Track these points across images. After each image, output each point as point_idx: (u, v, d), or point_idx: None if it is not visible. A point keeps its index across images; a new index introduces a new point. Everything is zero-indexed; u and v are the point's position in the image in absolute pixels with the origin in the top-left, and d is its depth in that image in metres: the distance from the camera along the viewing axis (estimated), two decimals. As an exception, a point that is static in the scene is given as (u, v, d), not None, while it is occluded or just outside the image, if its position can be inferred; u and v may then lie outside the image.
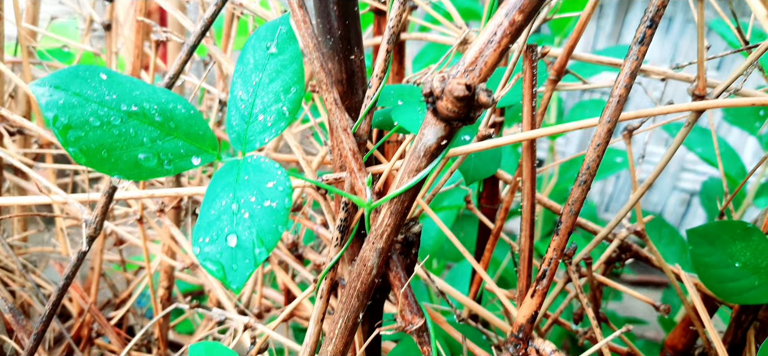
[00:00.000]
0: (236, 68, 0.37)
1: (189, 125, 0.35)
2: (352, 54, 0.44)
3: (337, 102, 0.40)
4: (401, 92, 0.47)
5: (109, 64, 0.67)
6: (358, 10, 0.44)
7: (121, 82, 0.34)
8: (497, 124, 0.61)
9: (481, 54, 0.33)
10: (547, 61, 0.54)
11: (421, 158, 0.35)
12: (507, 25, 0.32)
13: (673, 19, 2.00)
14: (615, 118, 0.37)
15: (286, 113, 0.35)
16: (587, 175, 0.38)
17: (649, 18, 0.35)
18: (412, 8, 0.58)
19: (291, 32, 0.36)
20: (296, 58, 0.36)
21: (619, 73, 0.36)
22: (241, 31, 0.82)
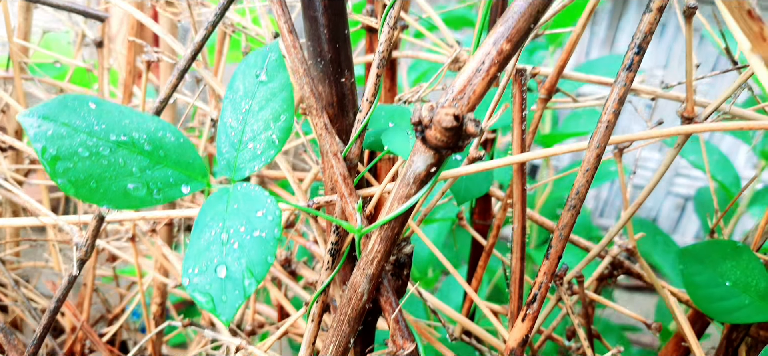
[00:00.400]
0: (226, 95, 0.37)
1: (178, 153, 0.35)
2: (343, 77, 0.44)
3: (327, 127, 0.40)
4: (392, 113, 0.47)
5: (101, 80, 0.67)
6: (349, 34, 0.44)
7: (110, 111, 0.34)
8: (489, 140, 0.61)
9: (469, 82, 0.33)
10: (538, 79, 0.54)
11: (411, 185, 0.35)
12: (495, 54, 0.33)
13: (666, 25, 2.01)
14: (604, 143, 0.37)
15: (276, 142, 0.35)
16: (577, 200, 0.38)
17: (637, 44, 0.36)
18: (403, 27, 0.58)
19: (281, 60, 0.36)
20: (286, 86, 0.36)
21: (606, 99, 0.36)
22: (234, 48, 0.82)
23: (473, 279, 0.60)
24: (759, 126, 0.38)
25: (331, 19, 0.43)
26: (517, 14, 0.32)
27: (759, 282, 0.48)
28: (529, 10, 0.32)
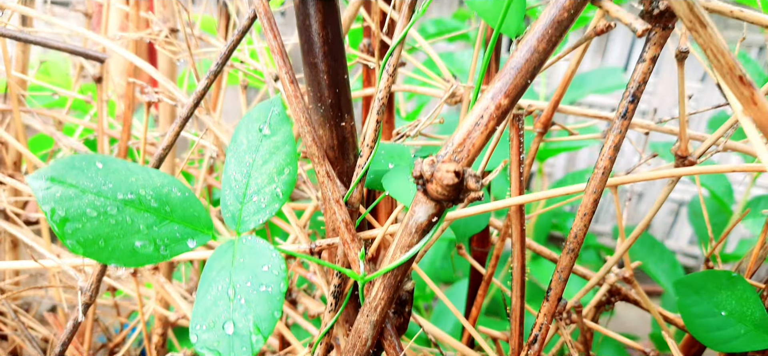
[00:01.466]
0: (229, 147, 0.37)
1: (184, 207, 0.35)
2: (343, 121, 0.45)
3: (328, 174, 0.41)
4: (391, 152, 0.48)
5: (100, 113, 0.67)
6: (348, 78, 0.45)
7: (116, 169, 0.34)
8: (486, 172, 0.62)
9: (468, 136, 0.34)
10: (534, 114, 0.55)
11: (413, 234, 0.36)
12: (493, 109, 0.33)
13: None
14: (600, 189, 0.38)
15: (280, 195, 0.35)
16: (575, 243, 0.39)
17: (631, 93, 0.36)
18: (401, 65, 0.59)
19: (283, 113, 0.37)
20: (289, 139, 0.36)
21: (602, 146, 0.37)
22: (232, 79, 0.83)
23: (473, 306, 0.61)
24: (751, 168, 0.39)
25: (330, 65, 0.44)
26: (514, 70, 0.33)
27: (754, 311, 0.49)
28: (526, 67, 0.33)
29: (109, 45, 0.48)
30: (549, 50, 0.33)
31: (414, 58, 0.60)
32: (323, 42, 0.43)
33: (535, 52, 0.33)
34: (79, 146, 0.75)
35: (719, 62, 0.27)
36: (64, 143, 0.74)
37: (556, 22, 0.32)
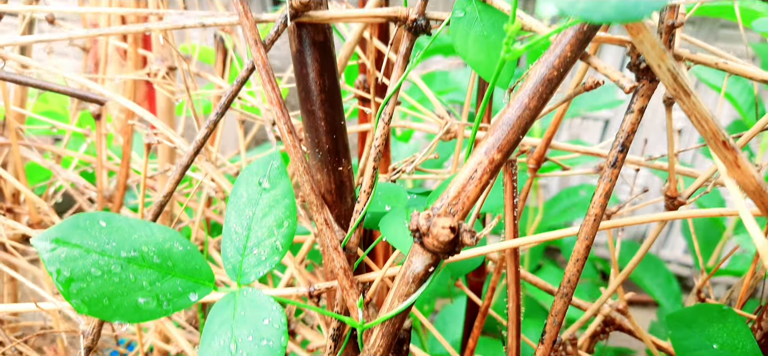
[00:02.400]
0: (230, 200, 0.38)
1: (186, 261, 0.36)
2: (340, 165, 0.46)
3: (327, 221, 0.41)
4: (388, 193, 0.49)
5: (99, 148, 0.68)
6: (344, 124, 0.46)
7: (119, 227, 0.35)
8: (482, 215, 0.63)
9: (463, 189, 0.35)
10: (527, 150, 0.56)
11: (411, 284, 0.37)
12: (487, 164, 0.34)
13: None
14: (592, 235, 0.39)
15: (280, 248, 0.36)
16: (568, 288, 0.40)
17: (621, 143, 0.37)
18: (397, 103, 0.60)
19: (283, 167, 0.38)
20: (288, 193, 0.37)
21: (594, 193, 0.38)
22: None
23: (470, 338, 0.62)
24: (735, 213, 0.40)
25: (327, 112, 0.45)
26: (507, 126, 0.34)
27: (745, 343, 0.50)
28: (517, 123, 0.34)
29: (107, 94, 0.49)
30: (540, 106, 0.34)
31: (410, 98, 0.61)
32: (320, 90, 0.44)
33: (526, 109, 0.34)
34: (77, 179, 0.75)
35: (704, 128, 0.28)
36: (62, 177, 0.75)
37: (546, 80, 0.33)
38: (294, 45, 0.44)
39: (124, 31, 0.41)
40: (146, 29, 0.42)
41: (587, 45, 0.34)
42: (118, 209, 0.70)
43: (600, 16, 0.20)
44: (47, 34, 0.44)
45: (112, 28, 0.41)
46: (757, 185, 0.28)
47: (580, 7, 0.20)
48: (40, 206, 0.66)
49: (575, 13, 0.20)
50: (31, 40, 0.43)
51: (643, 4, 0.20)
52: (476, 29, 0.38)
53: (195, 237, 0.71)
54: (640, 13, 0.20)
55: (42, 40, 0.43)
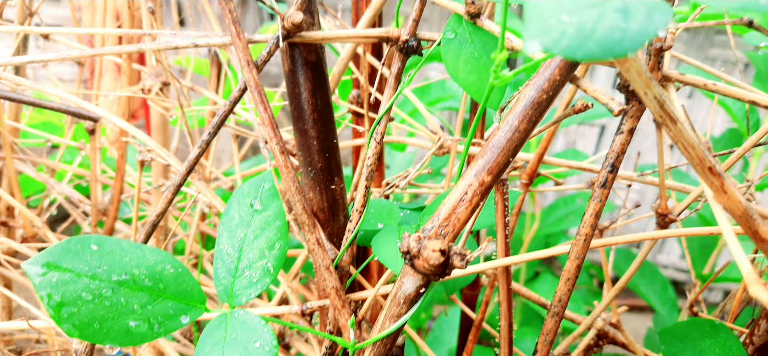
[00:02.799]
0: (222, 221, 0.38)
1: (177, 283, 0.36)
2: (333, 184, 0.46)
3: (319, 241, 0.42)
4: (381, 210, 0.49)
5: (93, 163, 0.68)
6: (337, 143, 0.46)
7: (111, 250, 0.35)
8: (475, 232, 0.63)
9: (454, 211, 0.35)
10: (519, 165, 0.56)
11: (402, 305, 0.37)
12: (477, 186, 0.34)
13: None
14: (582, 255, 0.39)
15: (271, 270, 0.36)
16: (560, 307, 0.40)
17: (610, 164, 0.38)
18: (390, 120, 0.60)
19: (274, 189, 0.38)
20: (279, 215, 0.37)
21: (584, 212, 0.38)
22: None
23: (464, 352, 0.62)
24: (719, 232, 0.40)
25: (320, 131, 0.45)
26: (497, 149, 0.34)
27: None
28: (507, 146, 0.34)
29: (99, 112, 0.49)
30: (529, 129, 0.34)
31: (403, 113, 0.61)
32: (313, 109, 0.44)
33: (516, 132, 0.34)
34: (71, 193, 0.75)
35: (690, 154, 0.28)
36: (57, 190, 0.75)
37: (536, 103, 0.34)
38: (287, 65, 0.44)
39: (118, 51, 0.42)
40: (139, 50, 0.42)
41: (576, 68, 0.35)
42: (113, 223, 0.70)
43: (584, 53, 0.20)
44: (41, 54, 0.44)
45: (106, 48, 0.41)
46: (743, 211, 0.29)
47: (564, 45, 0.20)
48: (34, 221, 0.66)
49: (559, 51, 0.20)
50: (25, 60, 0.43)
51: (628, 40, 0.21)
52: (467, 51, 0.38)
53: (190, 251, 0.71)
54: (625, 49, 0.20)
55: (36, 60, 0.43)
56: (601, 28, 0.21)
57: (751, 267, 0.26)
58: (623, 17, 0.21)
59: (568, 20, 0.21)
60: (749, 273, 0.26)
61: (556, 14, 0.21)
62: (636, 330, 2.05)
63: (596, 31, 0.20)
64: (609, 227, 0.55)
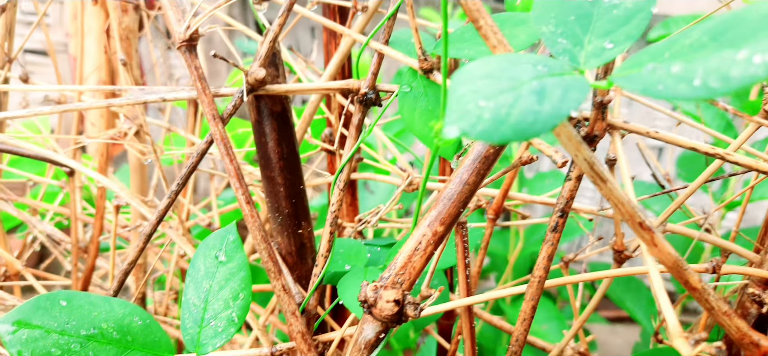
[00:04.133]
0: (188, 273, 0.40)
1: (145, 334, 0.38)
2: (300, 228, 0.48)
3: (285, 287, 0.43)
4: (349, 251, 0.51)
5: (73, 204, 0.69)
6: (304, 188, 0.48)
7: (80, 305, 0.36)
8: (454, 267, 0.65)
9: (409, 260, 0.36)
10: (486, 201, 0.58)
11: (363, 350, 0.38)
12: (430, 236, 0.36)
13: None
14: (537, 296, 0.40)
15: (236, 320, 0.38)
16: (517, 347, 0.41)
17: (560, 209, 0.39)
18: (359, 160, 0.62)
19: (238, 241, 0.39)
20: (243, 266, 0.39)
21: (538, 256, 0.40)
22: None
23: (438, 382, 0.63)
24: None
25: (286, 178, 0.46)
26: (448, 200, 0.36)
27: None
28: (458, 198, 0.36)
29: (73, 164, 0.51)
30: (479, 181, 0.36)
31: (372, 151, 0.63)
32: (279, 157, 0.46)
33: (465, 185, 0.36)
34: (52, 231, 0.76)
35: (621, 211, 0.30)
36: (38, 229, 0.76)
37: (484, 157, 0.35)
38: (253, 116, 0.46)
39: (88, 108, 0.43)
40: (109, 105, 0.44)
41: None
42: (93, 261, 0.72)
43: (498, 137, 0.22)
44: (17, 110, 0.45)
45: (76, 105, 0.43)
46: (674, 262, 0.30)
47: (479, 130, 0.22)
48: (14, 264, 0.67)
49: (475, 137, 0.22)
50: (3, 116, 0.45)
51: (541, 122, 0.22)
52: (421, 104, 0.40)
53: (170, 286, 0.72)
54: (537, 131, 0.22)
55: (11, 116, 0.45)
56: (516, 112, 0.22)
57: (676, 320, 0.28)
58: (538, 99, 0.23)
59: (485, 105, 0.22)
60: (674, 326, 0.27)
61: (474, 100, 0.23)
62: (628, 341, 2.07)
63: (511, 115, 0.22)
64: (574, 259, 0.57)
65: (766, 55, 0.19)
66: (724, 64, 0.20)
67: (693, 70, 0.21)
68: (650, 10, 0.27)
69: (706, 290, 0.31)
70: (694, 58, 0.21)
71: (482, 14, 0.27)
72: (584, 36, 0.27)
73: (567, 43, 0.27)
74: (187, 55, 0.41)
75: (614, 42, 0.27)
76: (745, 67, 0.19)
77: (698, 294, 0.31)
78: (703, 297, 0.31)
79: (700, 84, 0.20)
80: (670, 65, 0.22)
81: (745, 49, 0.20)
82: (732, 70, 0.19)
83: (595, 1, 0.28)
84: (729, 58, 0.20)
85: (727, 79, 0.19)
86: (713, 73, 0.20)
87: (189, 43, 0.41)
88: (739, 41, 0.20)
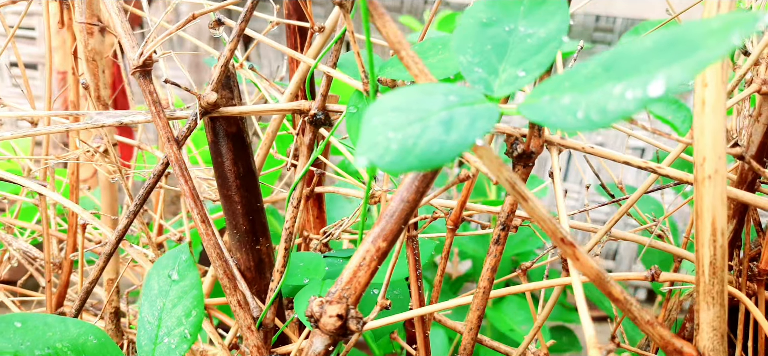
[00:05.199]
0: (143, 292, 0.41)
1: (100, 353, 0.39)
2: (258, 244, 0.49)
3: (240, 303, 0.44)
4: (308, 265, 0.52)
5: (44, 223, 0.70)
6: (262, 205, 0.49)
7: (35, 326, 0.38)
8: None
9: (355, 276, 0.38)
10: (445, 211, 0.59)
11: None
12: (374, 252, 0.38)
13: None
14: (482, 306, 0.42)
15: (188, 336, 0.39)
16: (464, 355, 0.43)
17: (502, 222, 0.41)
18: (321, 175, 0.63)
19: (190, 260, 0.41)
20: (196, 284, 0.40)
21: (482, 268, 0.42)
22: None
23: (405, 389, 0.65)
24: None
25: (243, 196, 0.48)
26: (390, 217, 0.37)
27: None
28: (399, 215, 0.37)
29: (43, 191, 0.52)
30: (419, 198, 0.37)
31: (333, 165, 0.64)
32: (235, 176, 0.47)
33: (406, 202, 0.37)
34: (28, 248, 0.77)
35: (544, 227, 0.31)
36: (14, 246, 0.77)
37: (423, 175, 0.37)
38: (209, 136, 0.47)
39: (46, 132, 0.44)
40: (68, 129, 0.45)
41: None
42: (67, 277, 0.73)
43: (405, 167, 0.23)
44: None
45: (33, 130, 0.44)
46: (596, 274, 0.32)
47: (387, 161, 0.23)
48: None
49: (383, 167, 0.23)
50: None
51: (447, 151, 0.24)
52: (367, 124, 0.41)
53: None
54: (443, 161, 0.24)
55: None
56: (422, 142, 0.24)
57: (593, 332, 0.29)
58: (445, 129, 0.24)
59: (393, 136, 0.24)
60: (590, 338, 0.29)
61: (384, 131, 0.24)
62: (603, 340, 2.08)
63: (417, 146, 0.24)
64: (531, 266, 0.58)
65: (637, 92, 0.20)
66: (603, 98, 0.21)
67: (578, 103, 0.22)
68: (561, 40, 0.29)
69: (628, 300, 0.33)
70: (585, 90, 0.23)
71: (403, 46, 0.29)
72: (499, 64, 0.29)
73: (483, 72, 0.29)
74: (142, 80, 0.43)
75: (526, 70, 0.28)
76: (619, 102, 0.21)
77: (621, 305, 0.33)
78: (625, 307, 0.33)
79: (582, 117, 0.22)
80: (563, 97, 0.23)
81: (621, 84, 0.21)
82: (609, 104, 0.21)
83: (512, 30, 0.30)
84: (608, 92, 0.21)
85: (605, 112, 0.21)
86: (594, 106, 0.21)
87: (143, 69, 0.43)
88: (621, 75, 0.22)
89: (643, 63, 0.22)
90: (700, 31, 0.20)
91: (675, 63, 0.20)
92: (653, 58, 0.21)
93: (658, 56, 0.21)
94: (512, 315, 1.47)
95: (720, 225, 0.32)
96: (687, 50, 0.20)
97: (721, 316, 0.33)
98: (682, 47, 0.20)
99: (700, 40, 0.20)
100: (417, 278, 0.47)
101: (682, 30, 0.21)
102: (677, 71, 0.19)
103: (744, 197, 0.40)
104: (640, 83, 0.20)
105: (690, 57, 0.19)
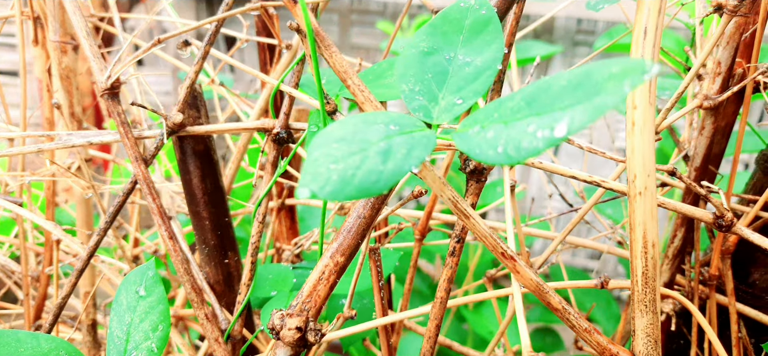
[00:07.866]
0: (112, 307, 0.42)
1: (71, 368, 0.40)
2: (226, 258, 0.51)
3: (207, 316, 0.46)
4: (277, 277, 0.54)
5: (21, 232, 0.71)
6: (230, 220, 0.51)
7: (6, 342, 0.39)
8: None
9: (315, 289, 0.40)
10: (413, 222, 0.62)
11: (276, 373, 0.41)
12: (332, 266, 0.39)
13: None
14: (439, 315, 0.44)
15: (155, 350, 0.41)
16: (422, 363, 0.45)
17: (457, 235, 0.43)
18: (292, 188, 0.65)
19: (157, 277, 0.42)
20: (162, 299, 0.42)
21: (440, 280, 0.44)
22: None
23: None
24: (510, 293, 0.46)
25: (211, 212, 0.49)
26: (347, 232, 0.39)
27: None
28: (356, 230, 0.39)
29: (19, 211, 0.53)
30: (374, 215, 0.39)
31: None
32: (203, 193, 0.49)
33: (362, 218, 0.39)
34: (6, 262, 0.78)
35: (486, 243, 0.33)
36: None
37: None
38: (177, 154, 0.49)
39: (19, 152, 0.46)
40: (39, 150, 0.46)
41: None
42: (45, 290, 0.74)
43: (344, 197, 0.25)
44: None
45: (5, 151, 0.45)
46: (535, 286, 0.34)
47: (327, 191, 0.25)
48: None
49: (324, 197, 0.25)
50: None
51: (384, 181, 0.26)
52: (327, 143, 0.43)
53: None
54: (380, 190, 0.26)
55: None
56: (361, 173, 0.26)
57: (527, 341, 0.31)
58: (383, 159, 0.26)
59: (334, 168, 0.26)
60: (525, 346, 0.31)
61: (326, 163, 0.26)
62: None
63: (356, 176, 0.26)
64: (496, 273, 0.61)
65: (545, 132, 0.22)
66: (519, 135, 0.23)
67: (499, 137, 0.24)
68: (496, 68, 0.31)
69: (567, 309, 0.35)
70: (508, 123, 0.25)
71: (349, 75, 0.31)
72: (439, 92, 0.31)
73: (423, 100, 0.31)
74: (110, 102, 0.44)
75: (463, 98, 0.30)
76: (531, 140, 0.23)
77: (560, 314, 0.35)
78: (564, 316, 0.35)
79: (501, 151, 0.24)
80: (489, 129, 0.25)
81: (536, 122, 0.23)
82: (523, 141, 0.23)
83: (451, 58, 0.32)
84: (523, 129, 0.23)
85: (520, 149, 0.23)
86: (511, 142, 0.23)
87: (111, 91, 0.44)
88: (539, 110, 0.24)
89: (557, 101, 0.24)
90: (603, 75, 0.22)
91: (579, 105, 0.22)
92: (565, 97, 0.23)
93: (568, 96, 0.23)
94: (492, 319, 1.49)
95: (650, 238, 0.34)
96: (590, 93, 0.22)
97: (653, 323, 0.36)
98: (588, 89, 0.22)
99: (601, 84, 0.22)
100: (380, 289, 0.48)
101: (589, 71, 0.23)
102: (580, 114, 0.21)
103: (680, 208, 0.43)
104: (549, 123, 0.22)
105: (591, 100, 0.22)
